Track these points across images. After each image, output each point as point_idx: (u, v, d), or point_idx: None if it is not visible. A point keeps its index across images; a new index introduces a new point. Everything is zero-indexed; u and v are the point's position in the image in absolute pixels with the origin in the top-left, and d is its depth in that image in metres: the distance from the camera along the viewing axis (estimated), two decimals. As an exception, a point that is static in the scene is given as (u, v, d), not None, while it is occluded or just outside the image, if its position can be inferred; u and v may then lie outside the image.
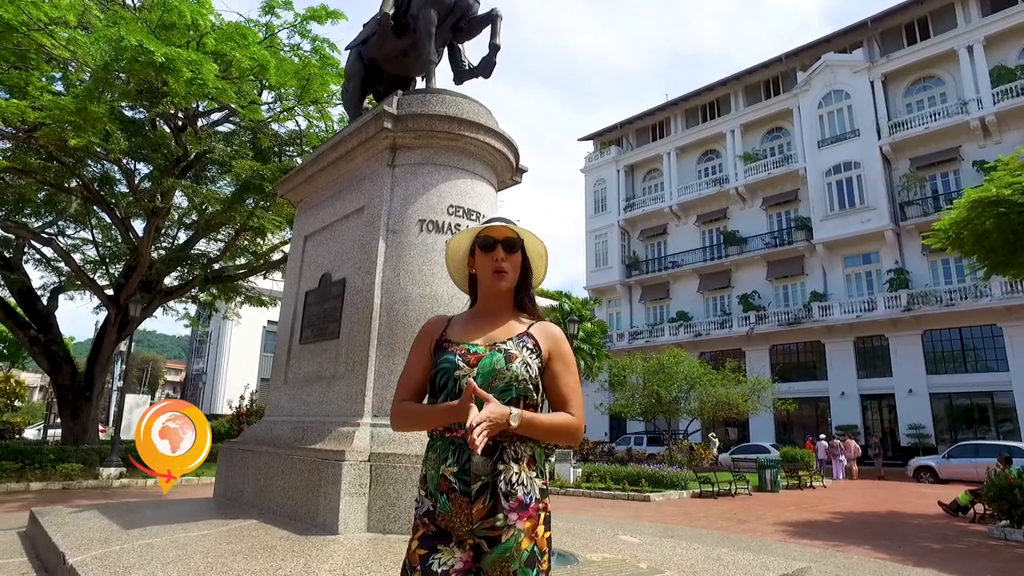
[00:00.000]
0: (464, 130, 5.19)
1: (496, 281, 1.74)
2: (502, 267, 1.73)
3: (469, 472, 1.60)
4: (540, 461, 1.69)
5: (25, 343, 16.03)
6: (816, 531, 8.96)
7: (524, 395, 1.66)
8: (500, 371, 1.63)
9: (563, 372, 1.76)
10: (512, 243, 1.75)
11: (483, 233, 1.76)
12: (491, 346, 1.69)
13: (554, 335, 1.78)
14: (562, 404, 1.73)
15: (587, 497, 13.71)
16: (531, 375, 1.66)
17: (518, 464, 1.62)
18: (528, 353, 1.69)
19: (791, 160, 31.17)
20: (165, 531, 4.56)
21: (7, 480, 12.01)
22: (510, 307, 1.81)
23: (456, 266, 1.89)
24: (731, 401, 21.15)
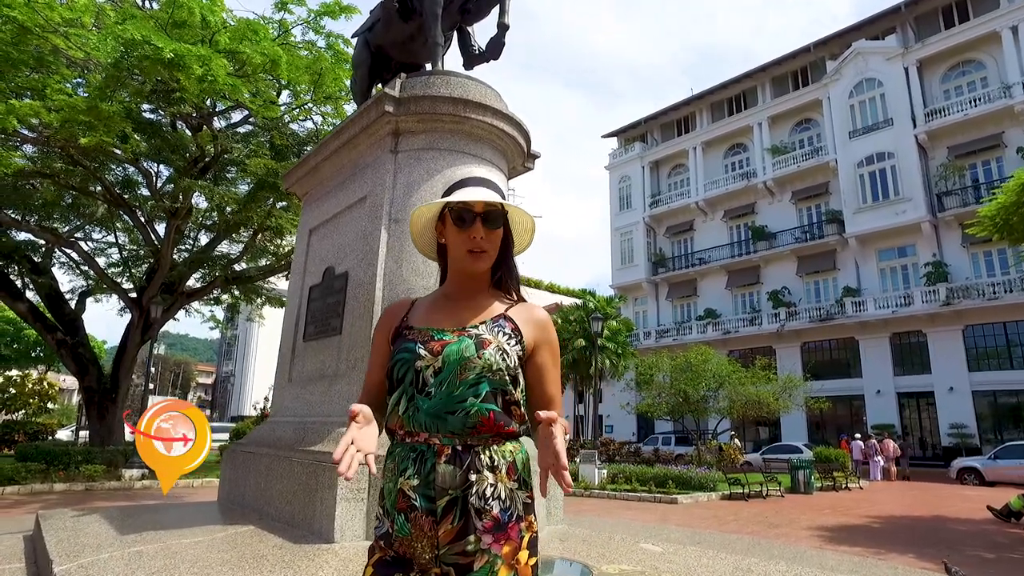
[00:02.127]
0: (470, 112, 4.88)
1: (473, 261, 1.43)
2: (480, 246, 1.42)
3: (433, 485, 1.30)
4: (524, 469, 1.38)
5: (53, 346, 16.23)
6: (854, 536, 8.46)
7: (501, 390, 1.35)
8: (470, 360, 1.33)
9: (550, 365, 1.46)
10: (495, 217, 1.43)
11: (459, 205, 1.44)
12: (460, 331, 1.39)
13: (539, 320, 1.47)
14: (547, 406, 1.42)
15: (612, 499, 13.32)
16: (509, 365, 1.35)
17: (494, 473, 1.32)
18: (505, 339, 1.38)
19: (821, 152, 30.27)
20: (160, 537, 4.36)
21: (32, 481, 12.10)
22: (486, 286, 1.50)
23: (420, 231, 1.56)
24: (761, 400, 20.52)
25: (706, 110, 36.15)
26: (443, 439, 1.33)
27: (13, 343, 29.81)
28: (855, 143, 28.60)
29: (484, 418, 1.32)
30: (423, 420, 1.33)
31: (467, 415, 1.32)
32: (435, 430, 1.33)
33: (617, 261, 37.93)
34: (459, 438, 1.33)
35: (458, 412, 1.32)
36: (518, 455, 1.38)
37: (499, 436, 1.36)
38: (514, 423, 1.37)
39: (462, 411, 1.32)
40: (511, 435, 1.38)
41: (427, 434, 1.34)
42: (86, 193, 13.88)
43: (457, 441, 1.33)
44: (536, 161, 5.87)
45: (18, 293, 15.65)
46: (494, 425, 1.34)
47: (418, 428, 1.35)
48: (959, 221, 24.80)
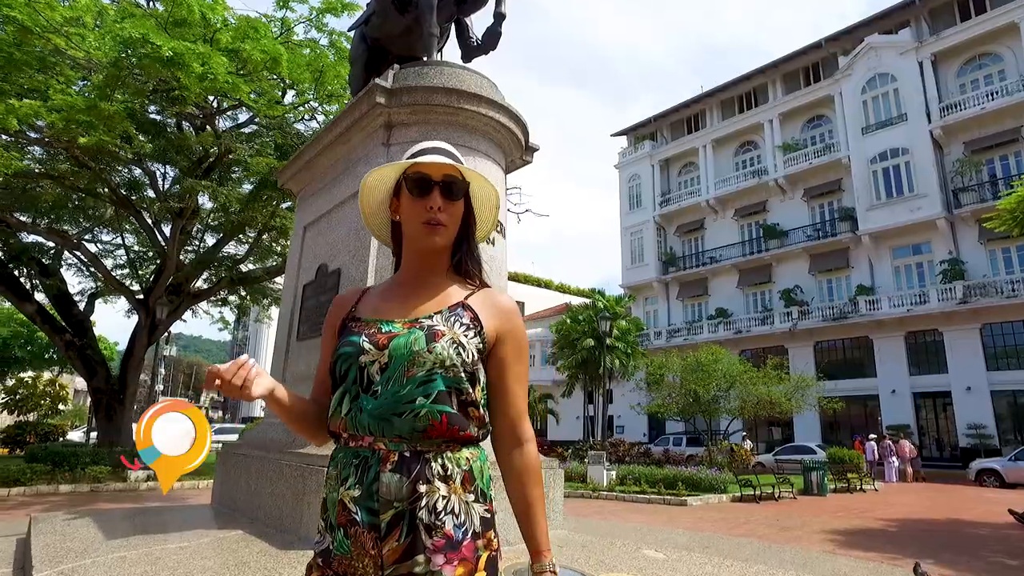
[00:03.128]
0: (464, 103, 4.73)
1: (428, 235, 1.26)
2: (437, 218, 1.25)
3: (377, 497, 1.13)
4: (482, 478, 1.20)
5: (61, 347, 16.26)
6: (869, 541, 8.20)
7: (456, 388, 1.18)
8: (419, 354, 1.16)
9: (513, 360, 1.27)
10: (455, 187, 1.27)
11: (414, 169, 1.28)
12: (411, 322, 1.22)
13: (503, 307, 1.29)
14: (510, 410, 1.25)
15: (620, 501, 13.11)
16: (466, 359, 1.18)
17: (447, 483, 1.15)
18: (463, 330, 1.21)
19: (833, 149, 29.81)
20: (146, 542, 4.24)
21: (38, 482, 12.08)
22: (444, 270, 1.32)
23: (373, 209, 1.39)
24: (773, 400, 20.20)
25: (716, 107, 35.78)
26: (389, 444, 1.16)
27: (27, 345, 30.02)
28: (868, 139, 28.16)
29: (435, 421, 1.16)
30: (367, 422, 1.17)
31: (416, 417, 1.15)
32: (380, 433, 1.17)
33: (627, 260, 37.63)
34: (407, 443, 1.16)
35: (406, 414, 1.15)
36: (475, 463, 1.21)
37: (454, 441, 1.19)
38: (472, 427, 1.21)
39: (410, 413, 1.15)
40: (468, 440, 1.21)
41: (372, 438, 1.18)
42: (93, 195, 13.89)
43: (405, 446, 1.16)
44: (535, 155, 5.72)
45: (26, 294, 15.69)
46: (447, 429, 1.17)
47: (362, 431, 1.18)
48: (976, 217, 24.28)
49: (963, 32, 26.28)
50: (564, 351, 27.55)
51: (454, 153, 1.33)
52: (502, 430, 1.26)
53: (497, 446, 1.28)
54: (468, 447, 1.21)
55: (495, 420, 1.27)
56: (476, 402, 1.21)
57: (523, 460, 1.24)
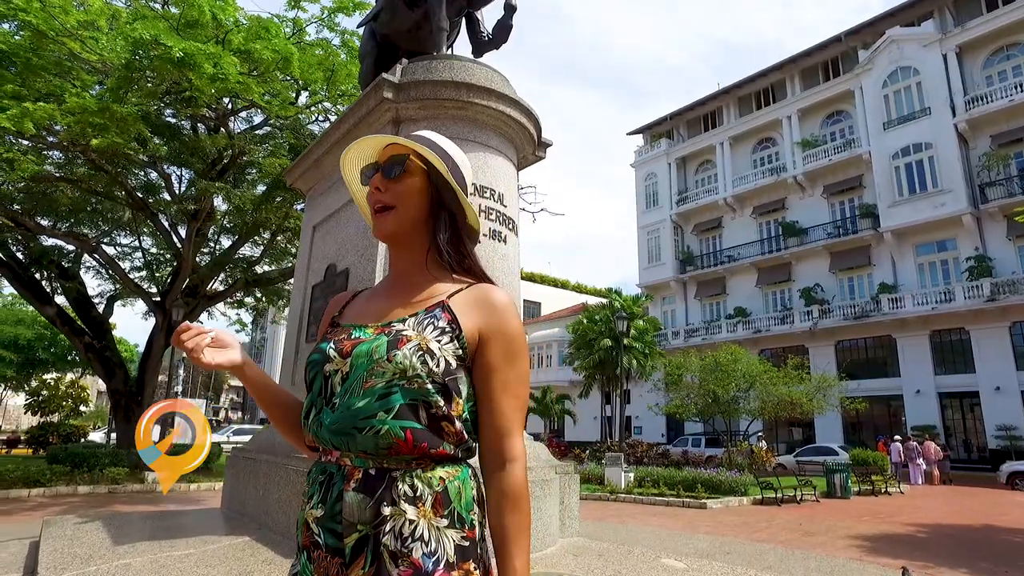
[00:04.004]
0: (474, 97, 4.60)
1: (377, 222, 1.14)
2: (380, 199, 1.13)
3: (340, 518, 0.99)
4: (459, 500, 1.04)
5: (81, 349, 16.41)
6: (897, 547, 7.93)
7: (423, 401, 1.02)
8: (379, 363, 1.01)
9: (500, 365, 1.09)
10: (394, 163, 1.13)
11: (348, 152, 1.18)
12: (383, 327, 1.07)
13: (490, 303, 1.11)
14: (493, 424, 1.08)
15: (638, 504, 12.91)
16: (434, 369, 1.02)
17: (415, 506, 1.00)
18: (435, 334, 1.05)
19: (854, 144, 29.25)
20: (152, 549, 4.16)
21: (57, 483, 12.18)
22: (430, 266, 1.16)
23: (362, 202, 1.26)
24: (794, 400, 19.82)
25: (733, 104, 35.33)
26: (355, 460, 1.04)
27: (50, 347, 30.49)
28: (890, 134, 27.58)
29: (398, 439, 1.01)
30: (327, 437, 1.05)
31: (377, 435, 1.01)
32: (345, 448, 1.04)
33: (644, 260, 37.28)
34: (373, 459, 1.03)
35: (366, 431, 1.01)
36: (451, 483, 1.04)
37: (424, 459, 1.04)
38: (447, 444, 1.05)
39: (370, 430, 1.01)
40: (443, 458, 1.06)
41: (338, 452, 1.05)
42: (110, 198, 14.00)
43: (371, 463, 1.02)
44: (548, 150, 5.57)
45: (47, 297, 15.86)
46: (414, 447, 1.02)
47: (327, 445, 1.06)
48: (1004, 212, 23.68)
49: (989, 22, 25.61)
50: (581, 351, 27.34)
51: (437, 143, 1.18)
52: (484, 447, 1.10)
53: (481, 465, 1.12)
54: (444, 465, 1.06)
55: (479, 435, 1.11)
56: (451, 416, 1.05)
57: (502, 484, 1.05)
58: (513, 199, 4.86)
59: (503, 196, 4.63)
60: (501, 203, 4.58)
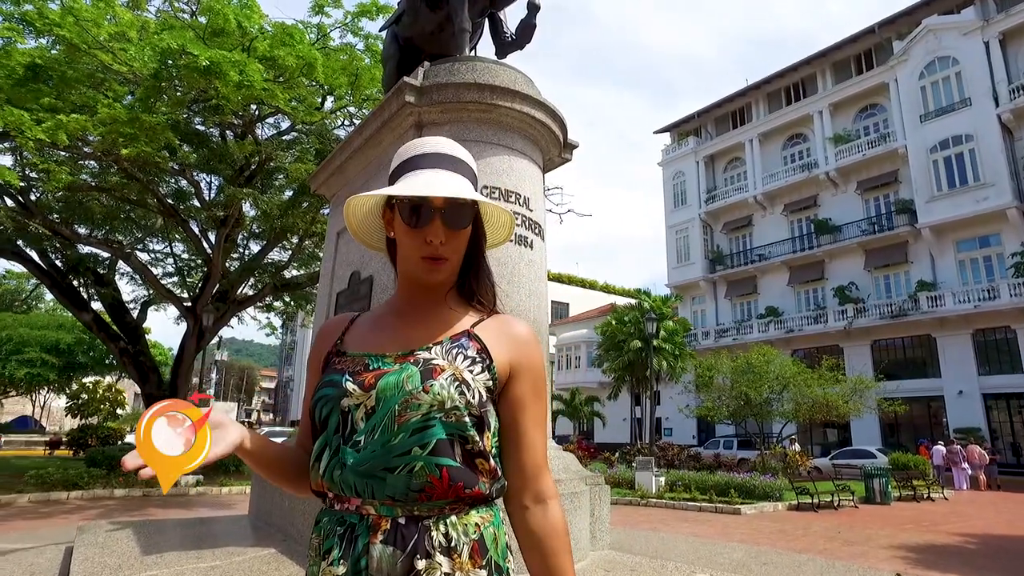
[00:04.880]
0: (498, 99, 4.49)
1: (428, 272, 1.02)
2: (439, 253, 1.00)
3: (366, 574, 0.89)
4: (495, 548, 0.95)
5: (116, 354, 16.77)
6: (945, 560, 7.57)
7: (459, 436, 0.93)
8: (413, 395, 0.92)
9: (531, 400, 1.03)
10: (459, 214, 1.00)
11: (411, 199, 0.99)
12: (405, 356, 0.98)
13: (518, 336, 1.04)
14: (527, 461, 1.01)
15: (670, 509, 12.67)
16: (471, 400, 0.94)
17: (451, 557, 0.90)
18: (467, 364, 0.97)
19: (889, 139, 28.44)
20: (179, 560, 4.14)
21: (94, 486, 12.42)
22: (446, 293, 1.08)
23: (361, 221, 1.13)
24: (830, 402, 19.29)
25: (762, 100, 34.67)
26: (380, 508, 0.93)
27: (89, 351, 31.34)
28: (927, 127, 26.74)
29: (434, 477, 0.92)
30: (351, 480, 0.94)
31: (411, 474, 0.92)
32: (369, 495, 0.93)
33: (673, 259, 36.81)
34: (402, 507, 0.93)
35: (399, 469, 0.92)
36: (487, 529, 0.96)
37: (459, 502, 0.95)
38: (481, 482, 0.96)
39: (404, 468, 0.92)
40: (477, 499, 0.97)
41: (359, 500, 0.94)
42: (142, 206, 14.28)
43: (400, 511, 0.93)
44: (575, 152, 5.43)
45: (83, 304, 16.24)
46: (449, 487, 0.93)
47: (347, 491, 0.95)
48: (1052, 205, 22.78)
49: (1036, 7, 24.64)
50: (610, 353, 27.09)
51: (462, 160, 1.06)
52: (517, 486, 1.02)
53: (511, 506, 1.03)
54: (478, 509, 0.97)
55: (509, 474, 1.03)
56: (485, 452, 0.97)
57: (545, 522, 0.99)
58: (539, 203, 4.74)
59: (529, 200, 4.52)
60: (527, 207, 4.47)
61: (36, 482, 11.92)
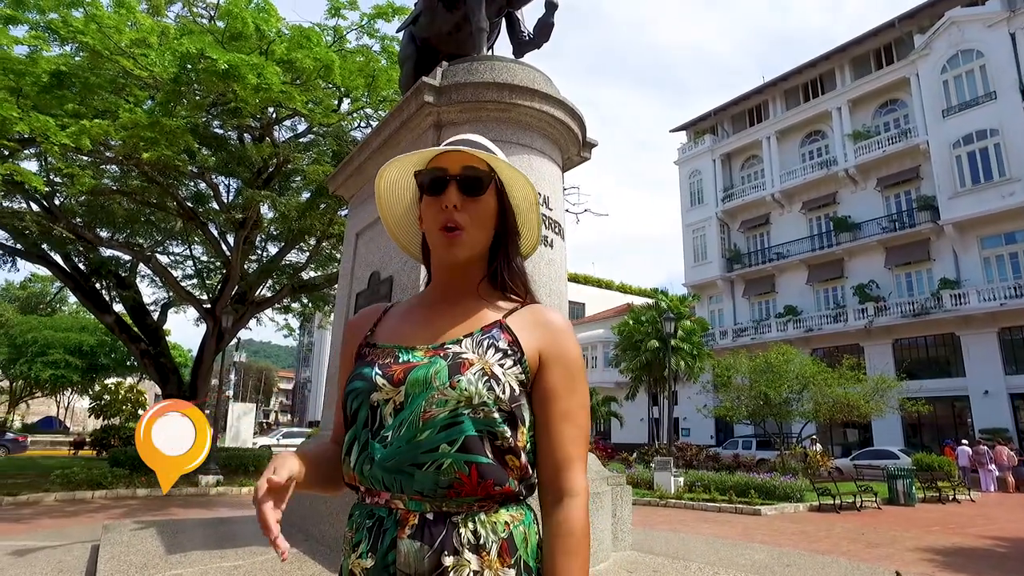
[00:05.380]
0: (517, 98, 4.47)
1: (447, 243, 1.00)
2: (455, 220, 0.99)
3: (393, 569, 0.89)
4: (526, 547, 0.92)
5: (137, 355, 17.00)
6: (975, 564, 7.41)
7: (488, 432, 0.91)
8: (440, 390, 0.90)
9: (562, 392, 0.99)
10: (476, 179, 1.01)
11: (430, 165, 1.03)
12: (435, 349, 0.96)
13: (550, 325, 1.02)
14: (553, 455, 0.97)
15: (689, 510, 12.57)
16: (500, 395, 0.92)
17: (479, 555, 0.90)
18: (498, 357, 0.95)
19: (910, 134, 27.99)
20: (202, 559, 4.17)
21: (117, 486, 12.60)
22: (478, 284, 1.06)
23: (400, 219, 1.15)
24: (851, 402, 19.02)
25: (779, 97, 34.31)
26: (408, 502, 0.92)
27: (110, 353, 31.89)
28: (950, 122, 26.27)
29: (463, 474, 0.91)
30: (379, 475, 0.93)
31: (439, 470, 0.90)
32: (397, 489, 0.92)
33: (690, 258, 36.56)
34: (431, 502, 0.92)
35: (426, 466, 0.91)
36: (516, 528, 0.94)
37: (489, 500, 0.93)
38: (511, 480, 0.94)
39: (431, 464, 0.91)
40: (507, 497, 0.95)
41: (388, 494, 0.93)
42: (162, 209, 14.49)
43: (428, 506, 0.92)
44: (593, 150, 5.40)
45: (106, 306, 16.49)
46: (479, 484, 0.91)
47: (376, 485, 0.94)
48: (1082, 200, 22.25)
49: (1062, -2, 24.12)
50: (627, 353, 26.96)
51: (484, 144, 1.07)
52: (542, 481, 0.99)
53: (540, 501, 1.01)
54: (508, 508, 0.95)
55: (537, 468, 1.00)
56: (516, 448, 0.94)
57: (558, 521, 0.95)
58: (559, 202, 4.71)
59: (548, 199, 4.50)
60: (547, 207, 4.45)
61: (62, 481, 12.12)
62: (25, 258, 15.24)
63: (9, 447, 24.20)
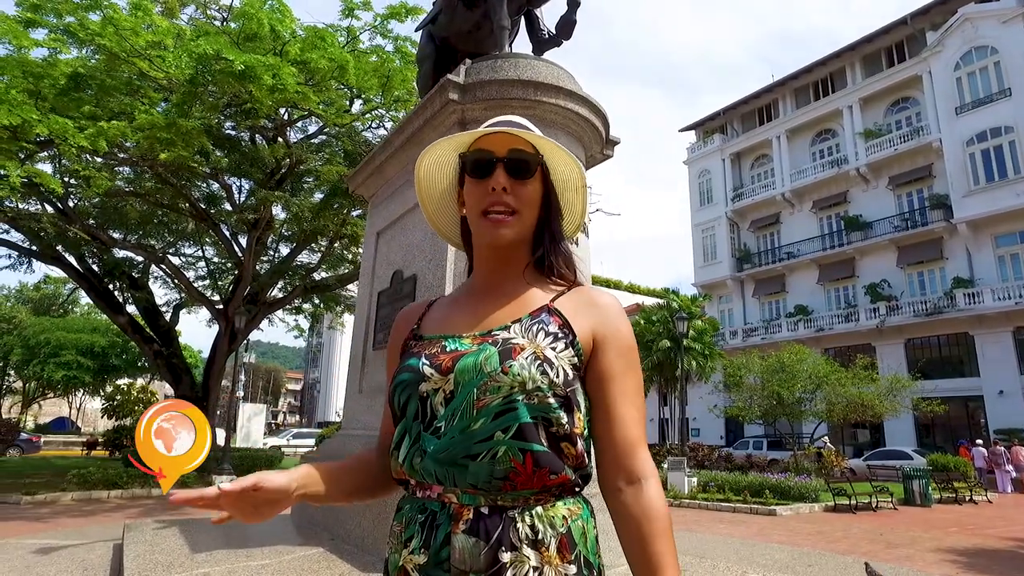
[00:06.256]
0: (542, 95, 4.45)
1: (493, 226, 0.98)
2: (503, 202, 0.98)
3: (447, 566, 0.87)
4: (585, 542, 0.90)
5: (150, 356, 17.08)
6: (999, 565, 7.33)
7: (543, 418, 0.88)
8: (492, 376, 0.89)
9: (620, 372, 0.97)
10: (524, 162, 0.98)
11: (474, 146, 1.00)
12: (483, 336, 0.94)
13: (601, 305, 1.00)
14: (617, 438, 0.95)
15: (703, 510, 12.52)
16: (555, 379, 0.90)
17: (538, 550, 0.87)
18: (548, 341, 0.93)
19: (922, 132, 27.80)
20: (228, 558, 4.17)
21: (133, 486, 12.66)
22: (523, 269, 1.04)
23: (436, 203, 1.12)
24: (866, 402, 18.89)
25: (789, 96, 34.16)
26: (462, 496, 0.89)
27: (122, 354, 32.04)
28: (964, 119, 26.07)
29: (518, 463, 0.88)
30: (431, 468, 0.90)
31: (494, 460, 0.88)
32: (451, 483, 0.90)
33: (699, 258, 36.45)
34: (485, 495, 0.89)
35: (481, 456, 0.88)
36: (575, 521, 0.91)
37: (545, 492, 0.90)
38: (567, 468, 0.91)
39: (487, 454, 0.88)
40: (563, 488, 0.92)
41: (440, 488, 0.91)
42: (175, 210, 14.55)
43: (483, 500, 0.89)
44: (616, 148, 5.37)
45: (119, 307, 16.58)
46: (534, 474, 0.89)
47: (428, 479, 0.91)
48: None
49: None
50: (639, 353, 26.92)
51: (527, 125, 1.04)
52: (610, 466, 0.96)
53: (605, 489, 0.97)
54: (565, 501, 0.92)
55: (600, 453, 0.98)
56: (572, 435, 0.92)
57: (641, 504, 0.91)
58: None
59: (573, 197, 4.47)
60: (571, 204, 4.42)
61: (78, 481, 12.19)
62: (41, 259, 15.34)
63: (23, 447, 24.40)
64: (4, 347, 34.40)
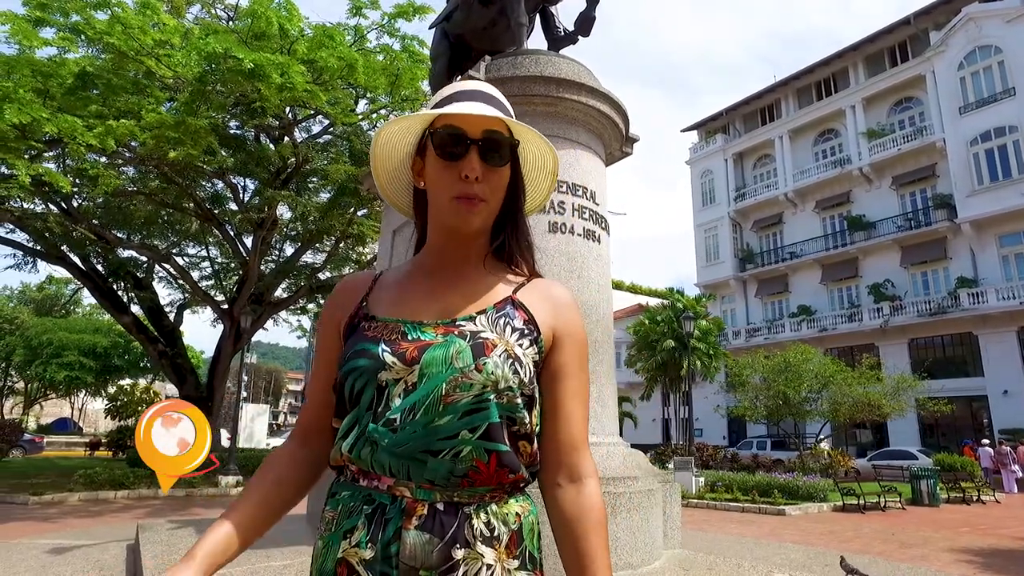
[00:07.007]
0: (564, 92, 4.42)
1: (462, 213, 0.92)
2: (474, 192, 0.91)
3: (396, 562, 0.82)
4: (532, 538, 0.89)
5: (154, 356, 17.06)
6: (1016, 565, 7.28)
7: (508, 418, 0.88)
8: (465, 374, 0.85)
9: (572, 370, 0.96)
10: (499, 144, 0.92)
11: (444, 121, 0.91)
12: (447, 326, 0.89)
13: (559, 301, 0.99)
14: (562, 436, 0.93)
15: (712, 510, 12.47)
16: (523, 379, 0.89)
17: (493, 547, 0.85)
18: (516, 337, 0.91)
19: (926, 132, 27.79)
20: (248, 558, 4.12)
21: (139, 486, 12.64)
22: (482, 253, 0.98)
23: (390, 171, 1.02)
24: (872, 401, 18.86)
25: (792, 96, 34.14)
26: (416, 491, 0.85)
27: (124, 354, 32.00)
28: (967, 119, 26.04)
29: (481, 463, 0.85)
30: (385, 461, 0.85)
31: (456, 458, 0.85)
32: (405, 476, 0.85)
33: (702, 258, 36.43)
34: (441, 491, 0.85)
35: (443, 453, 0.84)
36: (526, 519, 0.90)
37: (499, 489, 0.88)
38: (522, 467, 0.90)
39: (449, 452, 0.85)
40: (516, 486, 0.90)
41: (392, 480, 0.86)
42: (180, 209, 14.53)
43: (439, 496, 0.85)
44: (634, 145, 5.34)
45: (123, 307, 16.56)
46: (495, 473, 0.87)
47: (379, 470, 0.86)
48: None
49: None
50: (643, 353, 26.89)
51: (499, 100, 0.97)
52: (552, 462, 0.94)
53: (543, 485, 0.95)
54: (516, 498, 0.91)
55: (544, 450, 0.95)
56: (530, 435, 0.90)
57: (580, 502, 0.91)
58: (604, 197, 4.66)
59: (595, 194, 4.44)
60: (593, 201, 4.40)
61: (85, 482, 12.18)
62: (46, 259, 15.32)
63: (26, 448, 24.34)
64: (6, 348, 34.34)
